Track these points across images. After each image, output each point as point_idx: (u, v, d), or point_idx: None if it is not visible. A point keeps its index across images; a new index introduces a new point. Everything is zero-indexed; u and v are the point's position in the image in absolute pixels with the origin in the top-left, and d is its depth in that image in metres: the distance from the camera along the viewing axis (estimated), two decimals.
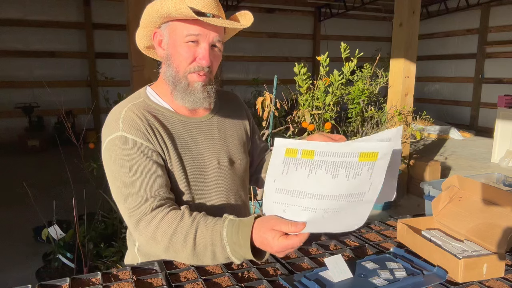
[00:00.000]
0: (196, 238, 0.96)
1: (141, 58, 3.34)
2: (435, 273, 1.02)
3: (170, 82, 1.11)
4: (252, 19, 1.13)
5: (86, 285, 0.98)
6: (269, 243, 0.88)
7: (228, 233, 0.93)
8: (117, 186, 1.06)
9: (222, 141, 1.23)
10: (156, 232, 0.99)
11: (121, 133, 1.05)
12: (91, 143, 3.26)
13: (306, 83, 3.91)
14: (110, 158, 1.06)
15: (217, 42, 1.09)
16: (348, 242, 1.25)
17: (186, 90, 1.10)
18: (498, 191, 1.15)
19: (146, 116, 1.10)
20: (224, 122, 1.27)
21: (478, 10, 9.47)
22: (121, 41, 8.40)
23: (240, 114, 1.34)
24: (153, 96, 1.18)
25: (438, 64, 10.70)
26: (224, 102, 1.31)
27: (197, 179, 1.15)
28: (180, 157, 1.12)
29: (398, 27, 4.56)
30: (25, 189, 2.44)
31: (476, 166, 6.06)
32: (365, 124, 4.66)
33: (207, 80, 1.10)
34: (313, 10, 10.57)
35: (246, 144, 1.33)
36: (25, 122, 7.50)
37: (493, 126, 6.76)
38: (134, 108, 1.11)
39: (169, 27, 1.08)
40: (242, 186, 1.30)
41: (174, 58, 1.09)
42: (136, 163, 1.04)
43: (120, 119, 1.08)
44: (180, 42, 1.07)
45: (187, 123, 1.17)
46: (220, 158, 1.20)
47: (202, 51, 1.07)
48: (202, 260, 0.99)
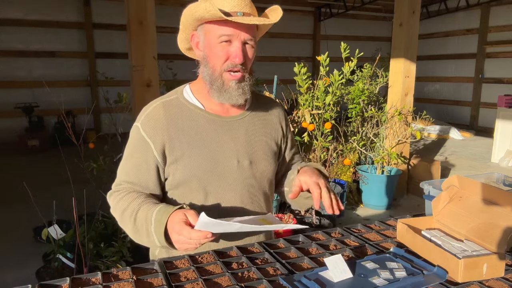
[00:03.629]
0: (137, 214, 1.11)
1: (141, 58, 3.34)
2: (435, 273, 1.02)
3: (207, 81, 1.19)
4: (281, 13, 1.17)
5: (86, 285, 0.98)
6: (174, 225, 1.01)
7: (157, 213, 1.07)
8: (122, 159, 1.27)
9: (247, 142, 1.26)
10: (116, 205, 1.20)
11: (138, 125, 1.21)
12: (91, 143, 3.26)
13: (306, 83, 3.91)
14: (129, 138, 1.26)
15: (249, 40, 1.14)
16: (348, 242, 1.25)
17: (221, 88, 1.17)
18: (498, 191, 1.15)
19: (170, 113, 1.20)
20: (254, 125, 1.29)
21: (478, 10, 9.47)
22: (121, 41, 8.39)
23: (274, 122, 1.35)
24: (187, 94, 1.26)
25: (438, 64, 10.70)
26: (260, 106, 1.34)
27: (212, 176, 1.20)
28: (196, 152, 1.19)
29: (398, 27, 4.55)
30: (25, 189, 2.44)
31: (476, 166, 6.06)
32: (365, 124, 4.66)
33: (241, 78, 1.16)
34: (313, 10, 10.58)
35: (274, 152, 1.33)
36: (25, 122, 7.49)
37: (493, 126, 6.76)
38: (162, 105, 1.22)
39: (204, 29, 1.16)
40: (261, 191, 1.30)
41: (210, 58, 1.16)
42: (135, 153, 1.21)
43: (146, 112, 1.23)
44: (214, 42, 1.13)
45: (213, 121, 1.23)
46: (240, 158, 1.23)
47: (235, 49, 1.13)
48: (140, 235, 1.12)
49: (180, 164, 1.19)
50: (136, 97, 3.38)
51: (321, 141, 4.05)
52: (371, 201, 4.46)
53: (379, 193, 4.39)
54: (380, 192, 4.38)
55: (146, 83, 3.37)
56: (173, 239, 1.03)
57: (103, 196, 3.01)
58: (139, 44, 3.31)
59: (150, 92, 3.39)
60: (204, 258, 1.13)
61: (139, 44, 3.31)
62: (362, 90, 4.59)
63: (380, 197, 4.41)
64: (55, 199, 2.61)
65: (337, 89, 4.01)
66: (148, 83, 3.37)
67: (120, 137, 3.16)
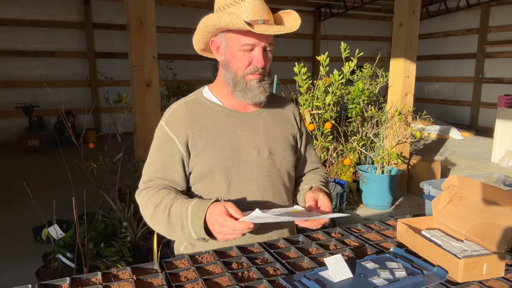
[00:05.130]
0: (171, 209, 1.17)
1: (141, 58, 3.34)
2: (435, 273, 1.02)
3: (230, 84, 1.26)
4: (299, 20, 1.24)
5: (86, 285, 0.98)
6: (216, 217, 1.06)
7: (193, 207, 1.13)
8: (147, 159, 1.33)
9: (265, 135, 1.32)
10: (147, 202, 1.23)
11: (163, 123, 1.30)
12: (91, 143, 3.26)
13: (306, 83, 3.91)
14: (154, 138, 1.33)
15: (268, 45, 1.23)
16: (348, 242, 1.25)
17: (245, 89, 1.25)
18: (498, 191, 1.15)
19: (191, 110, 1.29)
20: (271, 119, 1.37)
21: (478, 10, 9.47)
22: (121, 41, 8.40)
23: (289, 118, 1.42)
24: (206, 94, 1.35)
25: (438, 64, 10.70)
26: (275, 103, 1.41)
27: (234, 166, 1.26)
28: (217, 144, 1.26)
29: (398, 27, 4.55)
30: (25, 189, 2.44)
31: (476, 166, 6.05)
32: (365, 124, 4.66)
33: (261, 77, 1.25)
34: (313, 10, 10.57)
35: (292, 145, 1.39)
36: (25, 122, 7.49)
37: (493, 126, 6.76)
38: (184, 105, 1.31)
39: (226, 36, 1.23)
40: (281, 181, 1.35)
41: (232, 64, 1.24)
42: (161, 150, 1.28)
43: (169, 111, 1.32)
44: (236, 49, 1.21)
45: (232, 116, 1.30)
46: (260, 149, 1.30)
47: (256, 55, 1.21)
48: (174, 229, 1.17)
49: (203, 156, 1.25)
50: (136, 97, 3.38)
51: (321, 141, 4.05)
52: (371, 201, 4.46)
53: (379, 193, 4.39)
54: (380, 192, 4.38)
55: (146, 83, 3.37)
56: (216, 230, 1.08)
57: (103, 196, 3.02)
58: (139, 44, 3.31)
59: (150, 92, 3.40)
60: (204, 258, 1.13)
61: (139, 44, 3.31)
62: (362, 90, 4.58)
63: (380, 197, 4.41)
64: (55, 199, 2.61)
65: (337, 89, 4.01)
66: (148, 83, 3.38)
67: (120, 137, 3.16)
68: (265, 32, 1.14)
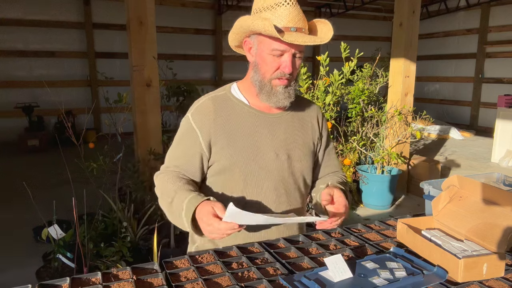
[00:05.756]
0: (174, 197, 1.22)
1: (141, 58, 3.34)
2: (435, 273, 1.02)
3: (257, 85, 1.29)
4: (332, 31, 1.26)
5: (86, 285, 0.98)
6: (202, 216, 1.10)
7: (188, 201, 1.17)
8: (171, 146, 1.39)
9: (285, 139, 1.35)
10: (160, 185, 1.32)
11: (189, 115, 1.34)
12: (91, 143, 3.26)
13: (306, 83, 3.91)
14: (179, 127, 1.38)
15: (298, 53, 1.25)
16: (348, 242, 1.25)
17: (270, 93, 1.27)
18: (498, 191, 1.15)
19: (218, 106, 1.32)
20: (293, 123, 1.39)
21: (478, 10, 9.47)
22: (121, 41, 8.40)
23: (312, 122, 1.44)
24: (234, 91, 1.37)
25: (438, 64, 10.69)
26: (299, 106, 1.42)
27: (252, 164, 1.29)
28: (239, 142, 1.29)
29: (398, 27, 4.55)
30: (25, 189, 2.44)
31: (476, 166, 6.05)
32: (365, 124, 4.66)
33: (288, 83, 1.27)
34: (313, 10, 10.57)
35: (311, 150, 1.41)
36: (25, 122, 7.49)
37: (493, 126, 6.75)
38: (212, 99, 1.34)
39: (258, 39, 1.25)
40: (296, 186, 1.37)
41: (261, 66, 1.26)
42: (182, 141, 1.34)
43: (196, 105, 1.35)
44: (267, 53, 1.23)
45: (256, 116, 1.33)
46: (278, 151, 1.32)
47: (286, 61, 1.23)
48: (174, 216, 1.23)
49: (224, 152, 1.29)
50: (136, 97, 3.38)
51: None
52: (371, 201, 4.46)
53: (379, 193, 4.39)
54: (380, 192, 4.38)
55: (146, 83, 3.37)
56: (203, 228, 1.12)
57: (103, 196, 3.02)
58: (139, 44, 3.31)
59: (150, 92, 3.39)
60: (204, 258, 1.13)
61: (139, 44, 3.31)
62: (362, 90, 4.58)
63: (380, 197, 4.41)
64: (55, 199, 2.61)
65: (337, 89, 4.00)
66: (148, 83, 3.37)
67: (120, 137, 3.16)
68: (294, 42, 1.16)
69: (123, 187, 3.41)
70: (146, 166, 3.36)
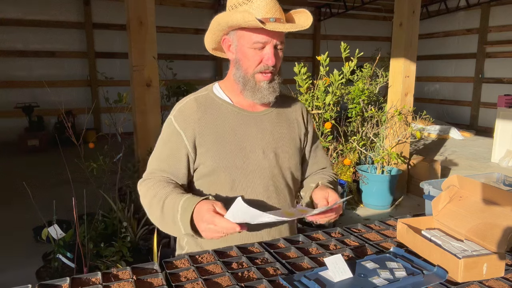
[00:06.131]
0: (165, 202, 1.18)
1: (141, 58, 3.34)
2: (435, 273, 1.02)
3: (240, 82, 1.26)
4: (311, 18, 1.23)
5: (86, 285, 0.98)
6: (203, 214, 1.07)
7: (184, 202, 1.13)
8: (153, 151, 1.35)
9: (272, 136, 1.33)
10: (146, 192, 1.26)
11: (171, 117, 1.30)
12: (91, 143, 3.26)
13: (306, 83, 3.91)
14: (162, 131, 1.34)
15: (279, 43, 1.23)
16: (348, 242, 1.25)
17: (254, 89, 1.25)
18: (498, 191, 1.15)
19: (201, 107, 1.29)
20: (279, 120, 1.37)
21: (478, 10, 9.47)
22: (121, 41, 8.40)
23: (297, 118, 1.42)
24: (217, 90, 1.35)
25: (438, 64, 10.70)
26: (284, 103, 1.41)
27: (239, 164, 1.27)
28: (224, 142, 1.27)
29: (398, 27, 4.55)
30: (25, 189, 2.44)
31: (476, 166, 6.05)
32: (365, 124, 4.66)
33: (271, 77, 1.25)
34: (313, 10, 10.57)
35: (297, 146, 1.40)
36: (25, 122, 7.49)
37: (493, 125, 6.76)
38: (195, 100, 1.31)
39: (237, 34, 1.23)
40: (285, 183, 1.35)
41: (243, 62, 1.24)
42: (167, 144, 1.30)
43: (179, 106, 1.32)
44: (248, 47, 1.21)
45: (241, 115, 1.31)
46: (266, 150, 1.30)
47: (268, 53, 1.21)
48: (166, 222, 1.18)
49: (210, 153, 1.26)
50: (136, 97, 3.38)
51: (321, 141, 4.05)
52: (371, 201, 4.46)
53: (379, 193, 4.39)
54: (380, 192, 4.38)
55: (146, 83, 3.37)
56: (201, 227, 1.08)
57: (103, 196, 3.02)
58: (139, 44, 3.31)
59: (150, 92, 3.40)
60: (204, 258, 1.13)
61: (139, 44, 3.31)
62: (362, 90, 4.58)
63: (380, 197, 4.41)
64: (55, 199, 2.61)
65: (337, 89, 4.00)
66: (148, 83, 3.38)
67: (120, 137, 3.16)
68: (277, 29, 1.14)
69: (123, 187, 3.40)
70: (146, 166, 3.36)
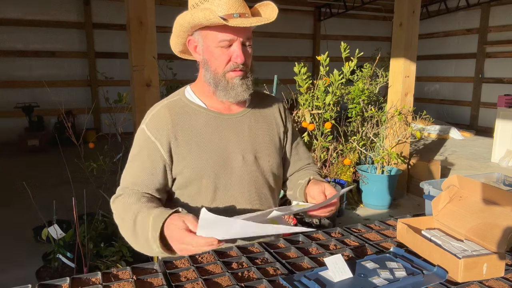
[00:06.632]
0: (137, 219, 1.08)
1: (141, 58, 3.34)
2: (435, 273, 1.02)
3: (211, 83, 1.21)
4: (276, 10, 1.19)
5: (86, 285, 0.98)
6: (173, 233, 0.98)
7: (154, 218, 1.04)
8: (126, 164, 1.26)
9: (250, 138, 1.29)
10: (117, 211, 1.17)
11: (144, 126, 1.24)
12: (91, 143, 3.26)
13: (306, 83, 3.91)
14: (134, 142, 1.27)
15: (247, 40, 1.18)
16: (348, 242, 1.25)
17: (227, 87, 1.20)
18: (498, 191, 1.15)
19: (174, 113, 1.23)
20: (256, 121, 1.32)
21: (478, 10, 9.47)
22: (121, 41, 8.40)
23: (275, 117, 1.38)
24: (189, 94, 1.29)
25: (438, 64, 10.70)
26: (260, 102, 1.37)
27: (219, 171, 1.22)
28: (201, 150, 1.21)
29: (398, 27, 4.55)
30: (25, 189, 2.44)
31: (476, 166, 6.05)
32: (365, 124, 4.66)
33: (243, 74, 1.20)
34: (313, 10, 10.57)
35: (277, 146, 1.36)
36: (25, 122, 7.49)
37: (493, 125, 6.76)
38: (167, 106, 1.25)
39: (202, 34, 1.18)
40: (267, 185, 1.33)
41: (211, 62, 1.19)
42: (141, 156, 1.21)
43: (151, 114, 1.25)
44: (214, 47, 1.16)
45: (216, 119, 1.26)
46: (245, 154, 1.26)
47: (236, 50, 1.16)
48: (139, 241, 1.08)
49: (187, 162, 1.21)
50: (136, 97, 3.38)
51: (321, 141, 4.05)
52: (371, 201, 4.46)
53: (379, 193, 4.39)
54: (380, 192, 4.38)
55: (146, 83, 3.37)
56: (175, 247, 1.00)
57: (103, 196, 3.02)
58: (139, 44, 3.31)
59: (150, 92, 3.39)
60: (204, 258, 1.13)
61: (139, 44, 3.31)
62: (362, 90, 4.58)
63: (380, 197, 4.41)
64: (55, 199, 2.61)
65: (337, 89, 4.01)
66: (148, 83, 3.37)
67: (120, 137, 3.16)
68: (241, 25, 1.09)
69: None
70: None
